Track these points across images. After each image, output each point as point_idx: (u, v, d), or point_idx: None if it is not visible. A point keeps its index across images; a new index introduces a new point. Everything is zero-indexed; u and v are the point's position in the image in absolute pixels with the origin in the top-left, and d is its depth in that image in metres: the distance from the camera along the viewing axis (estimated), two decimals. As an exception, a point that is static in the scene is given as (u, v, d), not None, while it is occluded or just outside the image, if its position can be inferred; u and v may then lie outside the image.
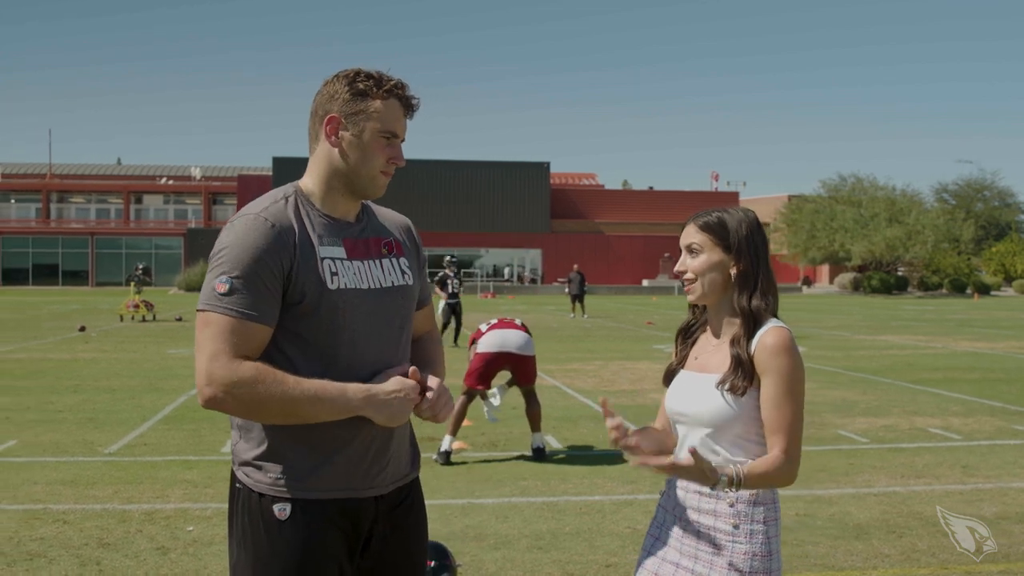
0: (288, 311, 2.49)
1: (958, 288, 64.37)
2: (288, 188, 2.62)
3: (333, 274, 2.53)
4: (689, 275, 2.79)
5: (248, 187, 70.80)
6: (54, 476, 7.88)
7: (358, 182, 2.61)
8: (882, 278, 64.03)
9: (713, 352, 2.79)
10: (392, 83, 2.62)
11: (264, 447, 2.53)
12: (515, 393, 13.07)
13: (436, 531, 6.32)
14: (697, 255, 2.79)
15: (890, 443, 9.56)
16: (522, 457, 8.82)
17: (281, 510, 2.51)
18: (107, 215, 76.51)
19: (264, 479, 2.52)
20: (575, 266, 35.43)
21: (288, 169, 70.71)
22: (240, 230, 2.48)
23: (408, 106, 2.66)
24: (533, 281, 69.49)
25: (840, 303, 49.95)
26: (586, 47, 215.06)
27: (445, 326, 20.90)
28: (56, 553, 5.85)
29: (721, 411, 2.68)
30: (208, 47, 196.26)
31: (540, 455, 8.73)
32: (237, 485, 2.58)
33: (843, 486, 7.74)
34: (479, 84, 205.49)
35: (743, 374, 2.66)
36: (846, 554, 5.95)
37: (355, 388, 2.48)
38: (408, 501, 2.73)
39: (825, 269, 75.33)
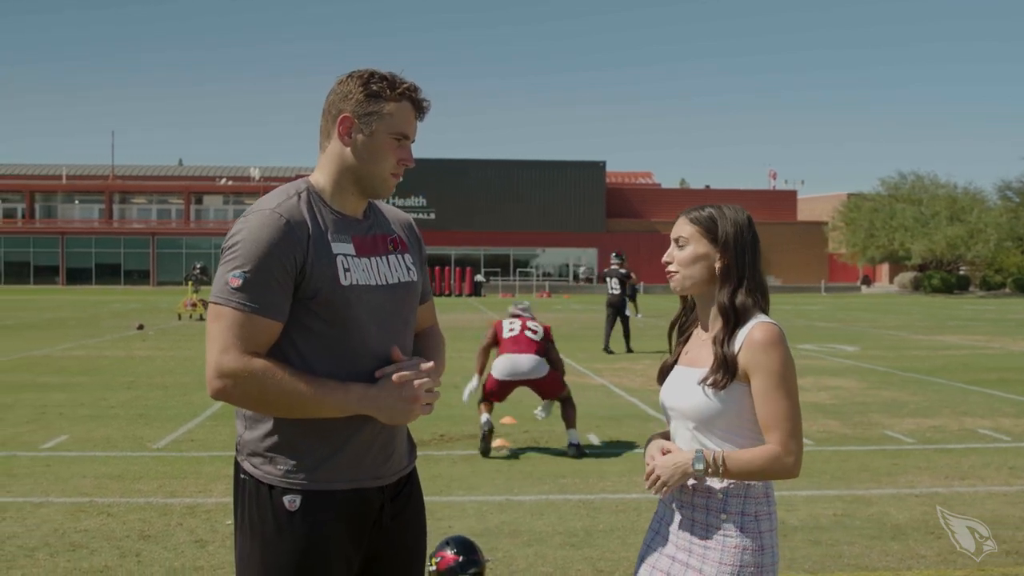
0: (300, 305, 2.54)
1: (1022, 288, 63.11)
2: (300, 184, 2.67)
3: (346, 270, 2.57)
4: (673, 266, 2.82)
5: (304, 187, 71.32)
6: (102, 470, 8.05)
7: (368, 181, 2.66)
8: (943, 277, 63.07)
9: (701, 346, 2.82)
10: (405, 85, 2.65)
11: (274, 439, 2.57)
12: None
13: (472, 527, 6.39)
14: (684, 247, 2.81)
15: (937, 444, 9.44)
16: (562, 454, 8.84)
17: (291, 501, 2.55)
18: (168, 215, 77.67)
19: (274, 471, 2.57)
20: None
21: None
22: (254, 225, 2.52)
23: (420, 108, 2.70)
24: (588, 280, 69.41)
25: (899, 303, 49.28)
26: (643, 43, 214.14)
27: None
28: (98, 544, 5.99)
29: (703, 406, 2.70)
30: (268, 48, 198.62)
31: (577, 451, 8.78)
32: (243, 476, 2.63)
33: (884, 486, 7.66)
34: (534, 81, 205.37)
35: (723, 370, 2.67)
36: (881, 555, 5.90)
37: (360, 387, 2.52)
38: (407, 491, 2.78)
39: (885, 268, 74.34)
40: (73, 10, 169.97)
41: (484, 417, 8.88)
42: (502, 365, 9.12)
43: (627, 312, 20.15)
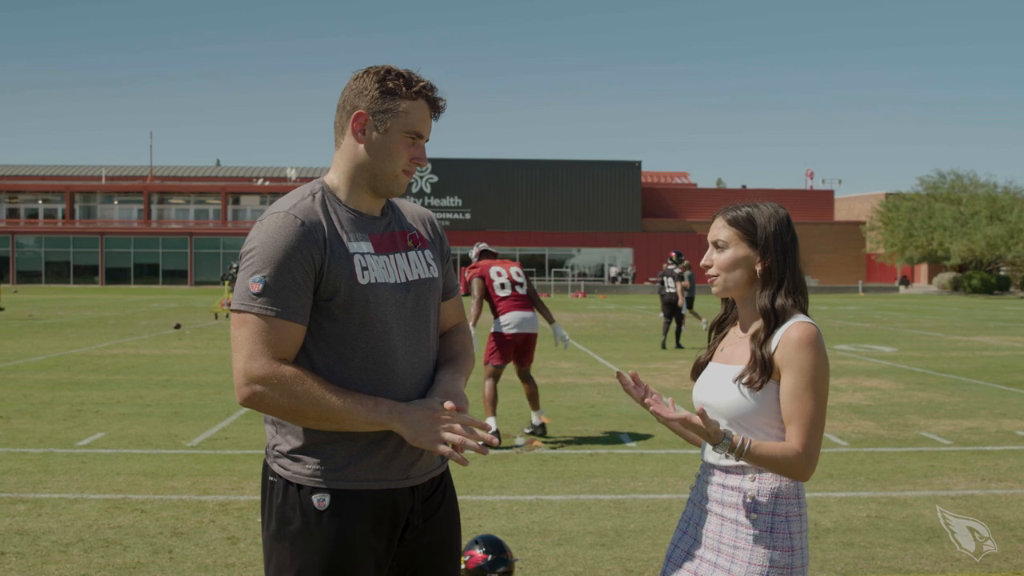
0: (320, 306, 2.53)
1: (1063, 288, 62.31)
2: (315, 184, 2.66)
3: (364, 268, 2.56)
4: (713, 270, 2.79)
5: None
6: (137, 467, 8.12)
7: (381, 179, 2.64)
8: (983, 278, 62.37)
9: (738, 344, 2.79)
10: (422, 84, 2.63)
11: (302, 441, 2.57)
12: (592, 392, 13.11)
13: (502, 526, 6.39)
14: (723, 250, 2.79)
15: (974, 445, 9.33)
16: (595, 454, 8.82)
17: (320, 500, 2.55)
18: (205, 216, 78.31)
19: (303, 471, 2.57)
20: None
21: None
22: (270, 228, 2.52)
23: (435, 107, 2.68)
24: (625, 280, 69.28)
25: (937, 303, 48.78)
26: (680, 42, 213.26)
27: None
28: (131, 541, 6.04)
29: (738, 404, 2.68)
30: (305, 48, 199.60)
31: (543, 431, 9.62)
32: (271, 478, 2.62)
33: (920, 488, 7.58)
34: (570, 80, 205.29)
35: (760, 369, 2.65)
36: (915, 557, 5.83)
37: (390, 403, 2.51)
38: (440, 491, 2.78)
39: (923, 268, 73.65)
40: (112, 12, 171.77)
41: (492, 421, 9.03)
42: (514, 320, 9.53)
43: (682, 311, 20.37)
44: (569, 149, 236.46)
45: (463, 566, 5.01)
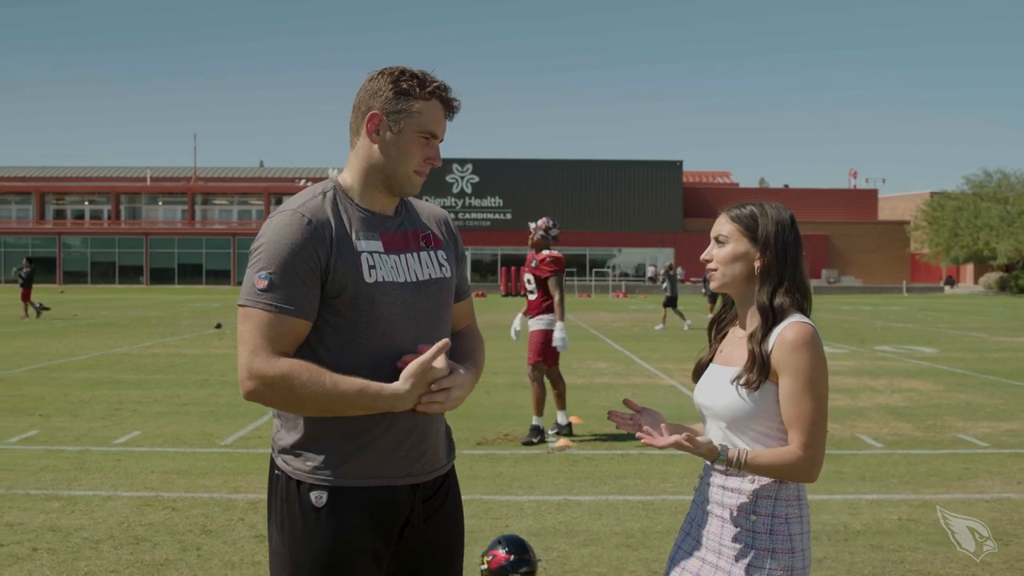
0: (327, 304, 2.55)
1: (1113, 289, 61.22)
2: (327, 183, 2.69)
3: (371, 267, 2.58)
4: (713, 264, 2.79)
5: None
6: (170, 466, 8.21)
7: (394, 179, 2.66)
8: (1030, 278, 61.43)
9: (737, 345, 2.78)
10: (435, 84, 2.65)
11: (302, 436, 2.60)
12: (627, 392, 13.07)
13: (528, 526, 6.39)
14: (723, 245, 2.78)
15: (1012, 448, 9.20)
16: (627, 455, 8.79)
17: (318, 497, 2.57)
18: (248, 216, 78.93)
19: (302, 467, 2.59)
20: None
21: (422, 170, 71.77)
22: (278, 226, 2.55)
23: (449, 108, 2.69)
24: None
25: (983, 304, 48.12)
26: (721, 39, 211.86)
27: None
28: (160, 538, 6.11)
29: (735, 405, 2.66)
30: (346, 49, 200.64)
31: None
32: (276, 472, 2.66)
33: (953, 491, 7.49)
34: (612, 77, 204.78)
35: (757, 369, 2.63)
36: (944, 561, 5.76)
37: (390, 387, 2.51)
38: (444, 490, 2.78)
39: (969, 269, 72.69)
40: (156, 14, 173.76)
41: (535, 419, 9.46)
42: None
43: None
44: (611, 149, 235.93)
45: (486, 566, 5.02)
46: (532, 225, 10.08)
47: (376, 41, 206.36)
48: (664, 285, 27.86)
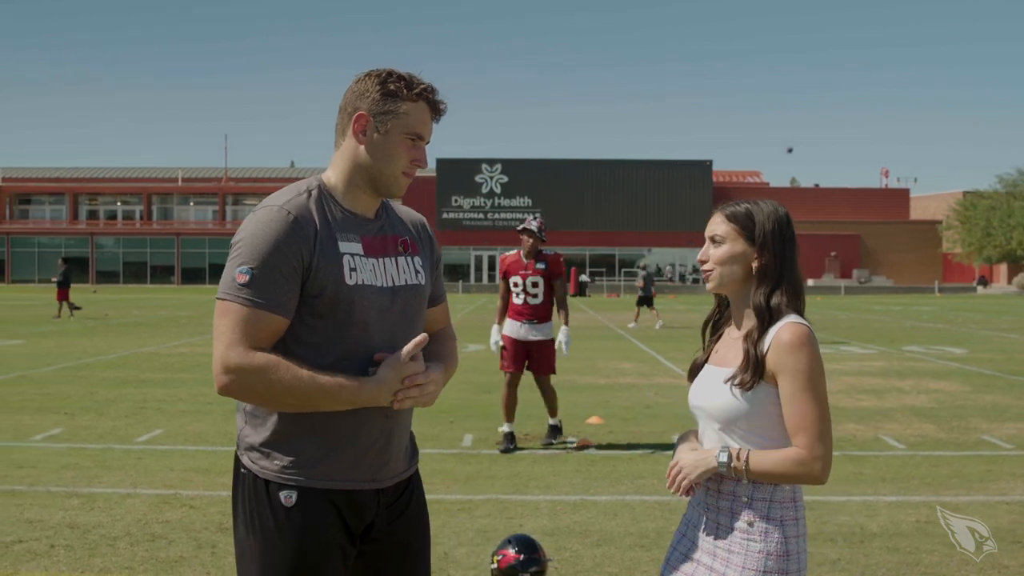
0: (305, 303, 2.55)
1: None
2: (311, 181, 2.69)
3: (352, 269, 2.58)
4: (709, 264, 2.76)
5: (412, 188, 71.98)
6: (190, 464, 8.27)
7: (380, 180, 2.66)
8: (1065, 278, 60.78)
9: (731, 346, 2.75)
10: (423, 86, 2.65)
11: (272, 435, 2.59)
12: (649, 393, 13.02)
13: (543, 526, 6.39)
14: (720, 245, 2.76)
15: (1037, 450, 9.10)
16: (646, 455, 8.77)
17: (287, 497, 2.58)
18: (279, 216, 79.40)
19: (271, 466, 2.59)
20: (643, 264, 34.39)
21: (452, 170, 72.00)
22: (261, 221, 2.54)
23: (436, 110, 2.69)
24: (696, 281, 68.82)
25: (1017, 304, 47.63)
26: (751, 35, 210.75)
27: None
28: (176, 536, 6.15)
29: (729, 406, 2.64)
30: (374, 50, 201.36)
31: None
32: (242, 470, 2.65)
33: (975, 493, 7.42)
34: (640, 75, 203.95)
35: (751, 370, 2.61)
36: (960, 564, 5.71)
37: (367, 380, 2.53)
38: (407, 494, 2.80)
39: (1002, 268, 71.97)
40: (187, 17, 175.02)
41: (506, 426, 9.23)
42: (510, 327, 9.34)
43: None
44: (640, 148, 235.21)
45: (496, 565, 5.02)
46: (532, 224, 9.16)
47: (409, 39, 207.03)
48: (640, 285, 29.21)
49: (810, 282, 66.10)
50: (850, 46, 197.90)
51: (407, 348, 2.56)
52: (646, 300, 28.42)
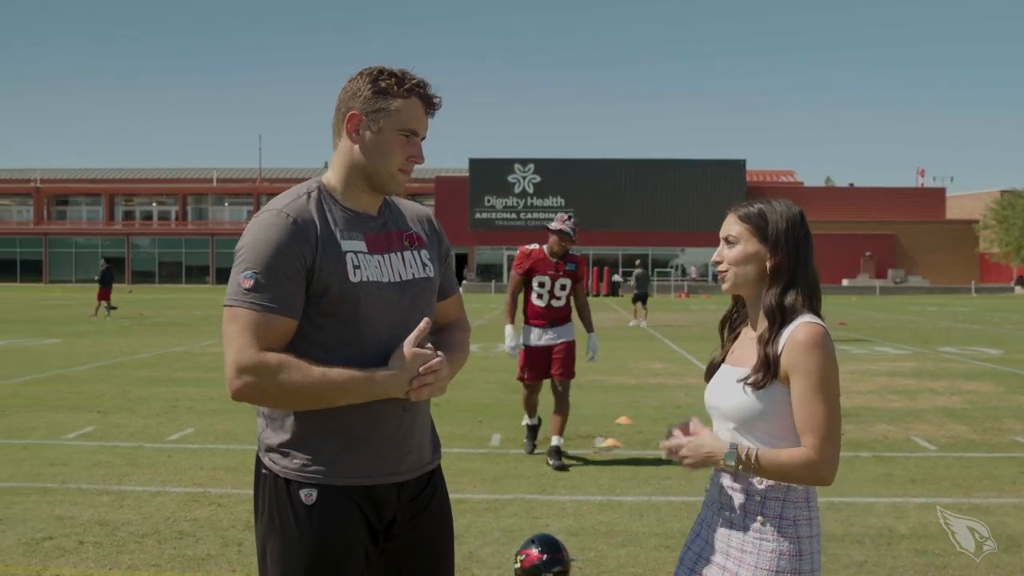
0: (311, 303, 2.57)
1: None
2: (311, 183, 2.71)
3: (356, 267, 2.60)
4: (723, 265, 2.76)
5: (445, 188, 72.51)
6: (220, 462, 8.34)
7: (377, 178, 2.67)
8: (1104, 278, 59.97)
9: (747, 345, 2.75)
10: (414, 82, 2.66)
11: (290, 435, 2.62)
12: (679, 393, 12.99)
13: (568, 526, 6.39)
14: (733, 245, 2.75)
15: (1071, 452, 8.99)
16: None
17: (307, 495, 2.60)
18: (312, 216, 79.89)
19: (290, 465, 2.61)
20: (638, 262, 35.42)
21: (485, 170, 72.08)
22: (262, 226, 2.57)
23: (429, 105, 2.70)
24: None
25: (1055, 304, 47.05)
26: (785, 33, 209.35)
27: None
28: (204, 533, 6.20)
29: (743, 406, 2.63)
30: (407, 51, 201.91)
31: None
32: (263, 471, 2.68)
33: (1006, 495, 7.34)
34: (673, 72, 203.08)
35: (765, 369, 2.60)
36: (989, 567, 5.65)
37: (381, 371, 2.54)
38: (430, 489, 2.80)
39: (1041, 268, 71.07)
40: (224, 17, 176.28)
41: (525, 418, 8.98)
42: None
43: None
44: (673, 147, 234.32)
45: (519, 565, 5.03)
46: (567, 225, 8.54)
47: (442, 35, 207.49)
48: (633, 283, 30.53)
49: (845, 282, 65.60)
50: (889, 44, 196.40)
51: (411, 336, 2.58)
52: (641, 298, 29.78)
